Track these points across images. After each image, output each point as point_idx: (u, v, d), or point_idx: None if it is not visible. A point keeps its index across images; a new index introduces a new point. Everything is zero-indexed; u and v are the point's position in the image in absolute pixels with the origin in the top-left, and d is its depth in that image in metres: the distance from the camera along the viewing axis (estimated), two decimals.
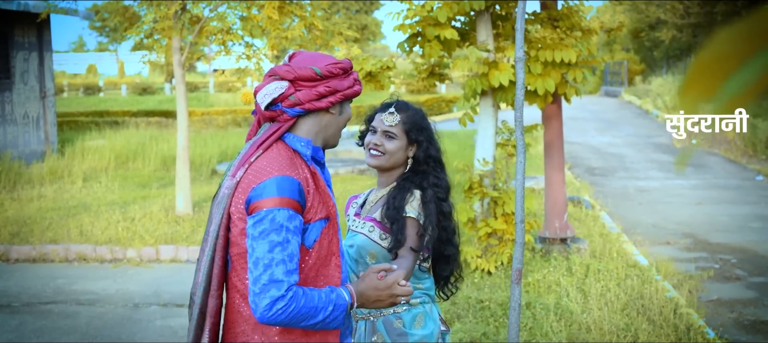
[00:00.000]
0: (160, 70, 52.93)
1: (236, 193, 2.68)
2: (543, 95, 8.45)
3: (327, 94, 2.74)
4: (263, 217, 2.57)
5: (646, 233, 11.00)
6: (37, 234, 10.35)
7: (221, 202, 2.70)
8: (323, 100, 2.74)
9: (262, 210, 2.58)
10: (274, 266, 2.51)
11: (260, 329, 2.66)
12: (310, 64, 2.72)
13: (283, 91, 2.70)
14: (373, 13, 57.75)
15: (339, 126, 2.85)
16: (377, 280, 2.78)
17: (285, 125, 2.75)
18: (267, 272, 2.51)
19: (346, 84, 2.77)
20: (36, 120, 17.93)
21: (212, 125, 25.78)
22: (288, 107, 2.72)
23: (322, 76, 2.72)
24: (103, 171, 15.79)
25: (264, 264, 2.52)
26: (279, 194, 2.59)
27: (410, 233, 3.33)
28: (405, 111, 3.50)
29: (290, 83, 2.72)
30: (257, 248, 2.55)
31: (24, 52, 17.69)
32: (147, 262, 9.69)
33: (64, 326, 7.43)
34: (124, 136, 19.26)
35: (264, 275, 2.51)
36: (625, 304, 7.07)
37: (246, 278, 2.66)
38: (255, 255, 2.55)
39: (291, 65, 2.74)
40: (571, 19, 8.76)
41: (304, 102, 2.71)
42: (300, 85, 2.71)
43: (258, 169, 2.66)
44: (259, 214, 2.58)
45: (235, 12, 11.58)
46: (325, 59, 2.77)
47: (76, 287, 8.69)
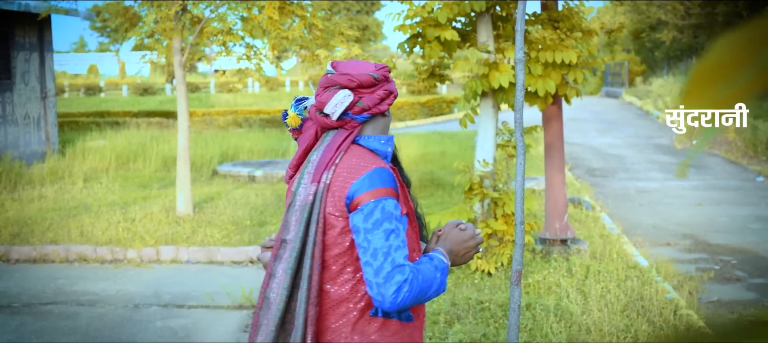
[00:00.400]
0: (161, 71, 52.99)
1: (329, 195, 2.70)
2: (543, 96, 8.46)
3: (385, 97, 2.81)
4: (373, 208, 2.61)
5: (646, 234, 11.01)
6: (38, 235, 10.36)
7: (303, 208, 2.72)
8: (383, 103, 2.81)
9: (369, 202, 2.62)
10: (394, 253, 2.54)
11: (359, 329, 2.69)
12: (362, 71, 2.79)
13: (352, 99, 2.76)
14: (374, 14, 57.79)
15: (387, 126, 2.91)
16: (460, 232, 2.82)
17: (356, 130, 2.80)
18: (388, 260, 2.53)
19: (393, 86, 2.86)
20: (37, 120, 17.93)
21: (213, 126, 25.79)
22: (356, 114, 2.78)
23: (378, 81, 2.79)
24: (104, 172, 15.80)
25: (383, 253, 2.54)
26: (382, 185, 2.64)
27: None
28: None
29: (352, 91, 2.77)
30: (373, 239, 2.57)
31: (25, 52, 17.70)
32: (147, 262, 9.69)
33: (64, 327, 7.43)
34: (124, 137, 19.28)
35: (386, 264, 2.53)
36: (625, 305, 7.07)
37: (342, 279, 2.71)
38: (372, 247, 2.57)
39: (350, 74, 2.78)
40: (571, 20, 8.76)
41: (371, 107, 2.78)
42: (361, 91, 2.77)
43: (350, 167, 2.71)
44: (366, 206, 2.61)
45: (235, 13, 11.58)
46: (371, 65, 2.84)
47: (77, 287, 8.69)
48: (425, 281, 2.57)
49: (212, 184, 14.74)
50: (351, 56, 8.51)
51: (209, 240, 10.12)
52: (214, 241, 10.10)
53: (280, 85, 47.91)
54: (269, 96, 39.75)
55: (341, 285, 2.70)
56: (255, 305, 7.85)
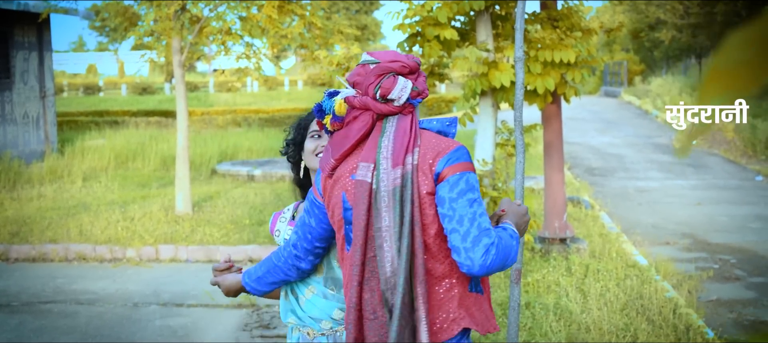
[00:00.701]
0: (160, 70, 52.99)
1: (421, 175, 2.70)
2: (542, 95, 8.46)
3: (425, 83, 2.86)
4: (457, 179, 2.65)
5: (645, 233, 11.01)
6: (37, 234, 10.36)
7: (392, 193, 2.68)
8: (426, 89, 2.85)
9: (455, 174, 2.66)
10: (479, 218, 2.59)
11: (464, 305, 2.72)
12: (403, 58, 2.81)
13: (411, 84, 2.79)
14: (373, 13, 57.78)
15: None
16: (518, 207, 2.88)
17: (415, 113, 2.83)
18: (474, 225, 2.58)
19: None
20: (36, 120, 17.93)
21: (212, 125, 25.78)
22: (413, 98, 2.80)
23: (417, 65, 2.84)
24: (103, 171, 15.80)
25: (469, 219, 2.59)
26: (466, 160, 2.71)
27: None
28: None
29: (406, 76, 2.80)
30: (458, 207, 2.61)
31: (24, 51, 17.69)
32: (146, 261, 9.69)
33: (63, 326, 7.43)
34: (123, 136, 19.27)
35: (473, 229, 2.58)
36: (624, 304, 7.07)
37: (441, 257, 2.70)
38: (458, 214, 2.61)
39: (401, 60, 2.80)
40: (570, 19, 8.76)
41: (424, 91, 2.82)
42: (412, 77, 2.81)
43: (433, 146, 2.73)
44: (452, 178, 2.65)
45: (234, 12, 11.57)
46: (399, 53, 2.86)
47: (76, 286, 8.69)
48: (507, 247, 2.61)
49: (211, 183, 14.74)
50: (350, 55, 8.49)
51: (208, 239, 10.12)
52: (213, 240, 10.10)
53: (279, 84, 47.90)
54: (268, 95, 39.74)
55: (441, 262, 2.70)
56: (255, 305, 7.86)
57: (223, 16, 11.50)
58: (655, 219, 12.08)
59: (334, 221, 2.84)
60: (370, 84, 2.76)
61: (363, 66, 2.84)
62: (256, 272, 3.22)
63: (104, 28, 58.23)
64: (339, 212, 2.79)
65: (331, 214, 2.84)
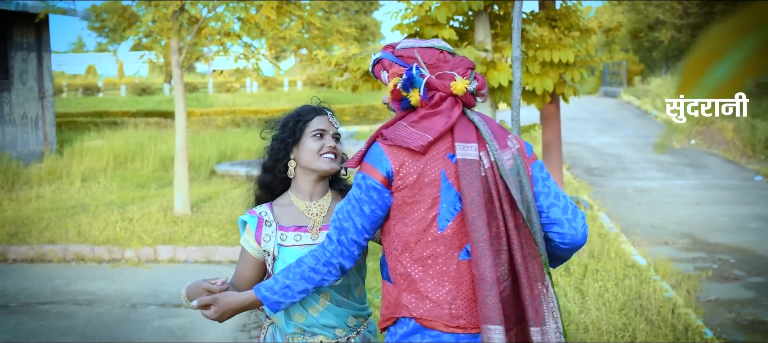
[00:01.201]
0: (159, 71, 52.96)
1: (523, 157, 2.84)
2: (541, 95, 8.45)
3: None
4: (541, 164, 2.88)
5: (644, 233, 11.00)
6: (35, 234, 10.35)
7: (512, 172, 2.76)
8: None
9: (538, 160, 2.88)
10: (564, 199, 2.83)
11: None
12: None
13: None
14: (373, 14, 57.77)
15: None
16: None
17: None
18: (568, 199, 2.83)
19: None
20: (34, 120, 17.93)
21: (211, 126, 25.77)
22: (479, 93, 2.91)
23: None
24: (102, 171, 15.79)
25: (563, 195, 2.82)
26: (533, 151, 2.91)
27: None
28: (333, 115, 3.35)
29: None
30: (551, 185, 2.83)
31: (22, 52, 17.69)
32: (145, 262, 9.68)
33: (61, 327, 7.42)
34: (122, 137, 19.26)
35: (569, 203, 2.82)
36: (623, 304, 7.06)
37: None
38: (553, 191, 2.81)
39: (416, 50, 2.86)
40: (569, 19, 8.76)
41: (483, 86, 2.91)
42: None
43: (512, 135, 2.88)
44: (538, 162, 2.87)
45: (233, 13, 11.55)
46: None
47: (74, 287, 8.68)
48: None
49: (210, 183, 14.73)
50: (349, 55, 8.49)
51: (207, 240, 10.11)
52: (212, 240, 10.09)
53: (278, 84, 47.87)
54: (267, 96, 39.71)
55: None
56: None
57: (221, 16, 11.48)
58: (654, 219, 12.07)
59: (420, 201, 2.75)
60: (462, 74, 2.80)
61: (441, 52, 2.85)
62: (279, 283, 2.89)
63: (103, 29, 58.21)
64: (434, 190, 2.74)
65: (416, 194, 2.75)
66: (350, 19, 52.94)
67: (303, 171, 3.20)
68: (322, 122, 3.21)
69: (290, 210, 3.20)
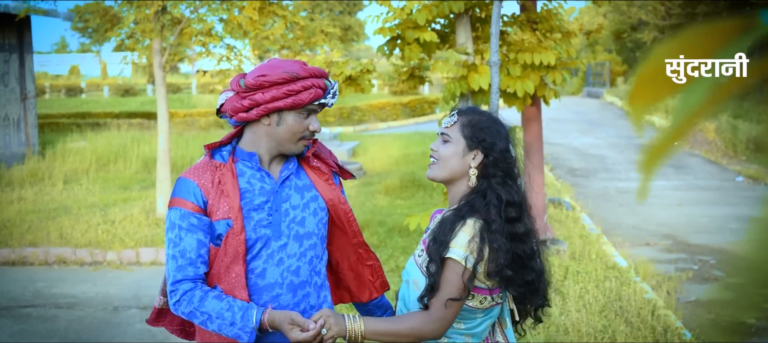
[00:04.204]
0: (142, 72, 52.76)
1: None
2: (522, 98, 8.48)
3: (251, 107, 2.82)
4: (167, 216, 2.91)
5: (626, 234, 11.05)
6: (17, 237, 10.31)
7: None
8: (250, 112, 2.83)
9: (168, 209, 2.93)
10: (169, 261, 2.85)
11: None
12: (249, 75, 2.84)
13: (223, 101, 2.90)
14: (356, 14, 57.75)
15: (280, 136, 2.88)
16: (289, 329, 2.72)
17: (232, 133, 2.96)
18: (166, 267, 2.89)
19: (268, 96, 2.80)
20: (16, 122, 17.83)
21: (194, 127, 25.73)
22: (229, 117, 2.90)
23: (246, 88, 2.82)
24: (84, 173, 15.72)
25: (166, 260, 2.89)
26: (175, 195, 2.88)
27: (449, 278, 2.74)
28: (467, 114, 2.92)
29: (235, 94, 2.87)
30: (166, 245, 2.92)
31: (4, 53, 17.60)
32: (127, 265, 9.66)
33: (42, 330, 7.40)
34: (105, 138, 19.19)
35: (166, 269, 2.92)
36: (603, 306, 7.10)
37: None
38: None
39: (236, 77, 2.89)
40: (550, 21, 8.79)
41: (233, 113, 2.86)
42: (236, 96, 2.87)
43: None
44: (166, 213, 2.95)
45: (215, 13, 11.52)
46: (262, 69, 2.83)
47: (56, 290, 8.66)
48: (202, 312, 2.81)
49: None
50: (330, 60, 8.51)
51: None
52: None
53: None
54: None
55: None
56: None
57: (204, 17, 11.46)
58: (635, 220, 12.13)
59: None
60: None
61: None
62: None
63: (86, 30, 57.99)
64: None
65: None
66: (334, 19, 52.90)
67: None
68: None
69: None
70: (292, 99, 2.82)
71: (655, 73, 0.85)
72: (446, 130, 2.89)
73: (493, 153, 2.84)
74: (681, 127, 0.85)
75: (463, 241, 2.72)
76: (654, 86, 0.85)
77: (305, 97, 2.82)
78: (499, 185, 2.81)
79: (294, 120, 2.87)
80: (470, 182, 2.86)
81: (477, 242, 2.72)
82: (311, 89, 2.84)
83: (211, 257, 2.85)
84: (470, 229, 2.74)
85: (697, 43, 0.83)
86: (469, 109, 2.96)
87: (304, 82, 2.83)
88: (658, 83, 0.85)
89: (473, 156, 2.86)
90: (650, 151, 0.82)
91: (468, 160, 2.86)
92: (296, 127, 2.88)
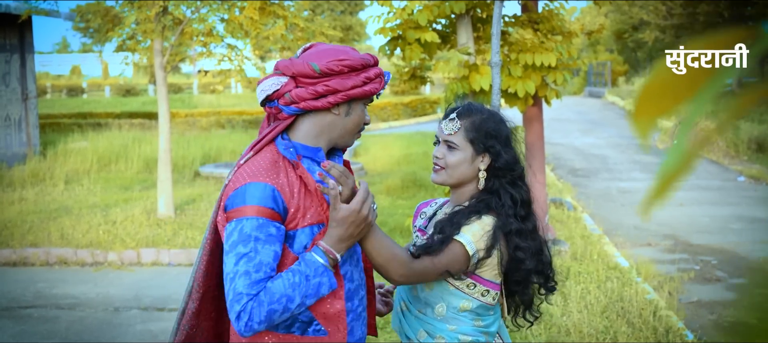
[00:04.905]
0: (144, 72, 52.81)
1: (222, 198, 2.55)
2: (523, 98, 8.47)
3: (326, 94, 2.52)
4: (237, 229, 2.43)
5: (627, 235, 11.04)
6: (18, 238, 10.30)
7: (215, 204, 2.60)
8: (321, 99, 2.53)
9: (232, 220, 2.45)
10: (237, 279, 2.39)
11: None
12: (314, 60, 2.52)
13: (279, 87, 2.54)
14: (358, 14, 57.78)
15: (346, 128, 2.62)
16: (346, 210, 2.46)
17: (281, 125, 2.58)
18: (233, 287, 2.39)
19: (349, 83, 2.53)
20: (18, 122, 17.83)
21: (196, 127, 25.71)
22: (284, 105, 2.55)
23: (320, 73, 2.51)
24: (85, 173, 15.72)
25: (231, 279, 2.41)
26: (248, 203, 2.44)
27: (449, 255, 2.73)
28: (468, 116, 2.87)
29: (290, 79, 2.54)
30: (227, 262, 2.43)
31: (5, 53, 17.60)
32: (128, 265, 9.66)
33: (43, 331, 7.40)
34: (106, 138, 19.20)
35: (230, 290, 2.40)
36: (604, 306, 7.08)
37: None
38: (225, 270, 2.44)
39: (292, 60, 2.57)
40: (551, 21, 8.78)
41: (299, 101, 2.53)
42: (300, 81, 2.53)
43: (241, 174, 2.51)
44: (230, 224, 2.46)
45: (216, 14, 11.51)
46: (337, 54, 2.55)
47: (56, 290, 8.65)
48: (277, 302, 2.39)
49: (194, 185, 14.69)
50: None
51: (190, 242, 10.08)
52: (195, 243, 10.06)
53: None
54: (252, 97, 39.64)
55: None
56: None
57: (205, 17, 11.44)
58: (637, 220, 12.11)
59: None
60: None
61: None
62: None
63: (88, 30, 58.06)
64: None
65: None
66: (335, 19, 52.92)
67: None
68: (438, 128, 3.03)
69: None
70: (369, 87, 2.58)
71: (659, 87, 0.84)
72: (450, 137, 2.85)
73: (500, 156, 2.83)
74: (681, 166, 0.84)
75: (477, 232, 2.72)
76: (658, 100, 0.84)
77: (378, 86, 2.61)
78: (510, 184, 2.83)
79: (361, 110, 2.64)
80: (479, 185, 2.86)
81: (487, 239, 2.73)
82: (380, 77, 2.63)
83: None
84: (485, 224, 2.74)
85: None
86: (467, 108, 2.90)
87: (375, 69, 2.61)
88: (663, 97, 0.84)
89: (481, 159, 2.85)
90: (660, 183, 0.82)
91: (477, 165, 2.85)
92: (361, 118, 2.65)
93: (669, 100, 0.83)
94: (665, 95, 0.84)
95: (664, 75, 0.84)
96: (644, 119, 0.85)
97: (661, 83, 0.84)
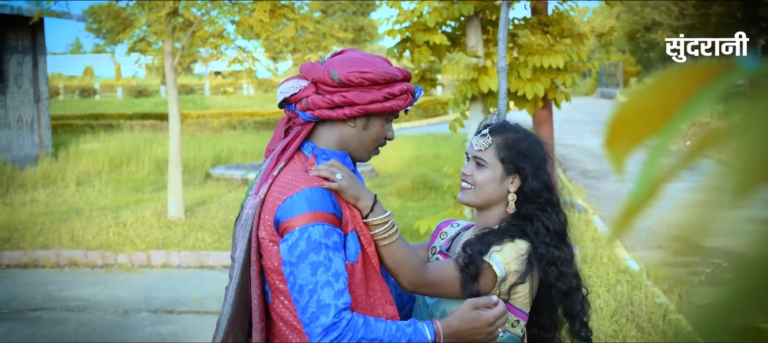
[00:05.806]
0: (156, 73, 52.98)
1: (262, 213, 2.40)
2: (532, 100, 8.45)
3: (342, 105, 2.39)
4: (297, 244, 2.28)
5: (638, 237, 10.99)
6: (29, 239, 10.33)
7: (245, 224, 2.43)
8: (337, 110, 2.40)
9: (294, 230, 2.30)
10: (320, 290, 2.24)
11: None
12: (337, 68, 2.40)
13: (297, 91, 2.43)
14: (370, 15, 57.82)
15: (362, 143, 2.49)
16: (477, 315, 2.38)
17: (303, 131, 2.47)
18: (313, 299, 2.24)
19: (368, 97, 2.40)
20: (30, 124, 17.91)
21: (207, 128, 25.75)
22: (301, 110, 2.44)
23: (339, 83, 2.38)
24: (97, 175, 15.77)
25: (309, 292, 2.25)
26: (311, 209, 2.31)
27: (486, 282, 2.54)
28: (500, 133, 2.67)
29: (310, 84, 2.43)
30: (298, 274, 2.28)
31: (18, 55, 17.68)
32: (138, 267, 9.67)
33: (53, 333, 7.42)
34: (118, 140, 19.26)
35: (312, 302, 2.24)
36: (614, 310, 7.06)
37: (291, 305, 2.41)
38: (298, 283, 2.28)
39: (316, 64, 2.45)
40: (561, 24, 8.76)
41: (314, 108, 2.41)
42: (319, 88, 2.42)
43: (284, 183, 2.38)
44: (291, 234, 2.30)
45: (226, 16, 11.52)
46: (361, 65, 2.41)
47: (66, 293, 8.67)
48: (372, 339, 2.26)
49: (205, 187, 14.71)
50: None
51: (200, 244, 10.09)
52: (205, 245, 10.07)
53: (275, 86, 47.79)
54: (264, 98, 39.68)
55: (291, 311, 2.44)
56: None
57: (215, 20, 11.47)
58: (648, 222, 12.03)
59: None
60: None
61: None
62: None
63: (100, 31, 58.28)
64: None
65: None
66: (347, 20, 52.97)
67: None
68: (468, 144, 2.84)
69: None
70: (391, 103, 2.44)
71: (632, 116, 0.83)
72: (480, 154, 2.65)
73: (532, 179, 2.62)
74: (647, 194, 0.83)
75: (508, 254, 2.53)
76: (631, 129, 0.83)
77: (402, 103, 2.47)
78: (541, 211, 2.62)
79: (381, 125, 2.50)
80: (509, 208, 2.65)
81: (520, 263, 2.54)
82: (406, 94, 2.48)
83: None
84: (519, 248, 2.55)
85: (675, 86, 0.81)
86: (501, 126, 2.70)
87: (401, 85, 2.46)
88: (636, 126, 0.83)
89: (511, 180, 2.64)
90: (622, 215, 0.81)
91: (506, 186, 2.64)
92: (380, 133, 2.51)
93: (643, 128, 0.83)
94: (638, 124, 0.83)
95: (637, 103, 0.83)
96: (617, 148, 0.84)
97: (634, 112, 0.83)
